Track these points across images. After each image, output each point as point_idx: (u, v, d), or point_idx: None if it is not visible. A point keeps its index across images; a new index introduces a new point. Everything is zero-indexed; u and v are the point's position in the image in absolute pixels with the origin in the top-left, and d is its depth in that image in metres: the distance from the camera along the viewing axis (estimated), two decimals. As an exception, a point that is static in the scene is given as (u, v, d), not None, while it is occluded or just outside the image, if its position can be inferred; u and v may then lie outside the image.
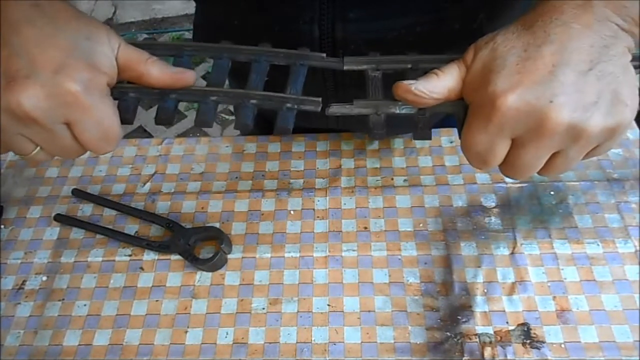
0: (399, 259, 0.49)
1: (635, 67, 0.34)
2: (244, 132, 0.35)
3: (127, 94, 0.35)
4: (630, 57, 0.32)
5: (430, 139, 0.36)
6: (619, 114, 0.30)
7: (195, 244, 0.51)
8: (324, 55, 0.37)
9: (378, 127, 0.35)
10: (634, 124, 0.55)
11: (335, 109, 0.36)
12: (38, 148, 0.33)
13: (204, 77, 1.85)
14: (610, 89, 0.30)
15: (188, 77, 0.35)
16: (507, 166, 0.33)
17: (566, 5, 0.30)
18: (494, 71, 0.31)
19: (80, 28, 0.32)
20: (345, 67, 0.37)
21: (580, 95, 0.29)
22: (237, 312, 0.47)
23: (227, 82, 0.38)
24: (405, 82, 0.34)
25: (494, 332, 0.44)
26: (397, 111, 0.35)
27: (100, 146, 0.33)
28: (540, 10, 0.31)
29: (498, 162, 0.33)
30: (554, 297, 0.46)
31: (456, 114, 0.34)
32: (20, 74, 0.29)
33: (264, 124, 0.68)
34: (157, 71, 0.35)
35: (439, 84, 0.33)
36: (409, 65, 0.36)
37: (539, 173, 0.34)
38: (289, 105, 0.35)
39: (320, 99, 0.36)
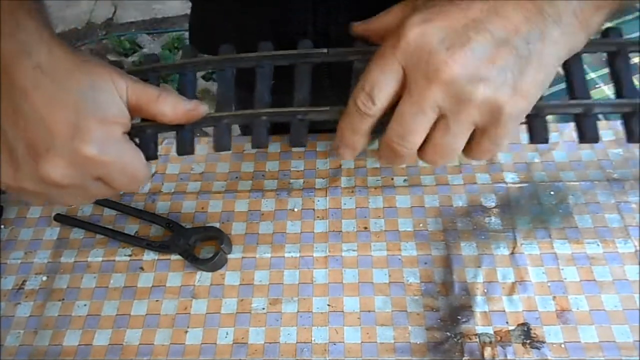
0: (399, 259, 0.49)
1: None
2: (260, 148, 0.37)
3: (144, 131, 0.36)
4: (565, 52, 0.30)
5: None
6: (507, 98, 0.29)
7: (195, 244, 0.51)
8: (326, 50, 0.37)
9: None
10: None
11: (313, 116, 0.36)
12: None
13: (203, 77, 1.85)
14: (515, 71, 0.28)
15: (200, 110, 0.36)
16: (390, 125, 0.31)
17: None
18: (420, 7, 0.30)
19: (82, 79, 0.32)
20: (331, 60, 0.37)
21: (478, 61, 0.28)
22: (237, 312, 0.47)
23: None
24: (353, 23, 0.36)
25: (494, 332, 0.44)
26: None
27: (133, 187, 0.35)
28: None
29: (385, 98, 0.31)
30: (554, 297, 0.46)
31: None
32: (41, 147, 0.31)
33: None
34: (169, 110, 0.35)
35: (377, 22, 0.35)
36: None
37: (419, 154, 0.32)
38: (299, 117, 0.35)
39: (328, 107, 0.35)
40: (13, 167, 0.32)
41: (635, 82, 0.36)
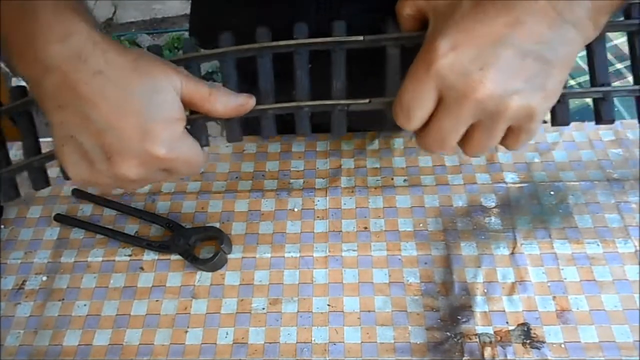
0: (399, 259, 0.49)
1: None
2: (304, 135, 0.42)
3: (195, 120, 0.38)
4: (579, 49, 0.32)
5: None
6: (538, 101, 0.31)
7: (195, 244, 0.51)
8: (362, 38, 0.38)
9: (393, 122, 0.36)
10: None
11: (354, 107, 0.38)
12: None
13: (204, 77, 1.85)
14: (542, 76, 0.31)
15: (250, 104, 0.38)
16: (429, 129, 0.34)
17: None
18: (447, 24, 0.31)
19: (142, 82, 0.33)
20: (367, 46, 0.38)
21: (509, 75, 0.30)
22: (237, 312, 0.47)
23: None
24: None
25: (494, 332, 0.44)
26: None
27: (192, 173, 0.40)
28: None
29: (423, 116, 0.33)
30: (554, 297, 0.46)
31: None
32: (114, 150, 0.33)
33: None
34: (221, 106, 0.37)
35: (401, 13, 0.36)
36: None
37: (461, 147, 0.35)
38: (339, 108, 0.38)
39: (368, 100, 0.37)
40: (88, 166, 0.34)
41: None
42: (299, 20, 0.50)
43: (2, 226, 0.55)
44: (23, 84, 0.40)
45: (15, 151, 0.61)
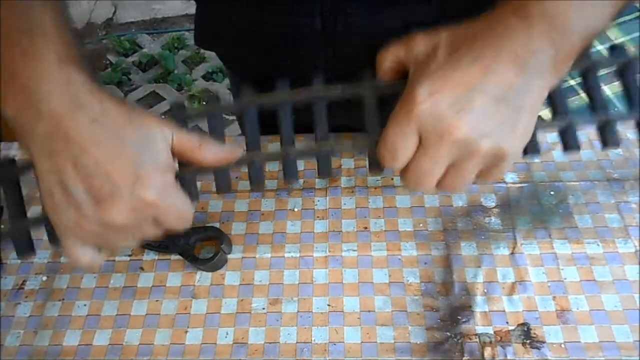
0: (399, 259, 0.49)
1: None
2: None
3: (184, 176, 0.39)
4: (545, 95, 0.35)
5: None
6: (508, 144, 0.34)
7: (195, 244, 0.51)
8: (340, 90, 0.39)
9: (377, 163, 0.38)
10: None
11: (339, 148, 0.40)
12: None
13: (203, 77, 1.86)
14: (512, 121, 0.33)
15: (237, 154, 0.39)
16: (409, 170, 0.36)
17: (510, 29, 0.33)
18: (425, 72, 0.34)
19: (136, 131, 0.34)
20: (342, 94, 0.40)
21: (483, 120, 0.33)
22: (237, 312, 0.47)
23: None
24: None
25: (494, 332, 0.44)
26: None
27: (180, 226, 0.38)
28: (488, 23, 0.34)
29: (407, 157, 0.35)
30: (554, 297, 0.46)
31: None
32: (104, 194, 0.33)
33: (264, 125, 0.68)
34: (210, 156, 0.37)
35: (382, 64, 0.38)
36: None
37: (437, 187, 0.37)
38: (323, 153, 0.39)
39: (351, 142, 0.40)
40: (75, 212, 0.34)
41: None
42: (302, 19, 0.50)
43: (2, 226, 0.55)
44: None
45: (15, 151, 0.61)
